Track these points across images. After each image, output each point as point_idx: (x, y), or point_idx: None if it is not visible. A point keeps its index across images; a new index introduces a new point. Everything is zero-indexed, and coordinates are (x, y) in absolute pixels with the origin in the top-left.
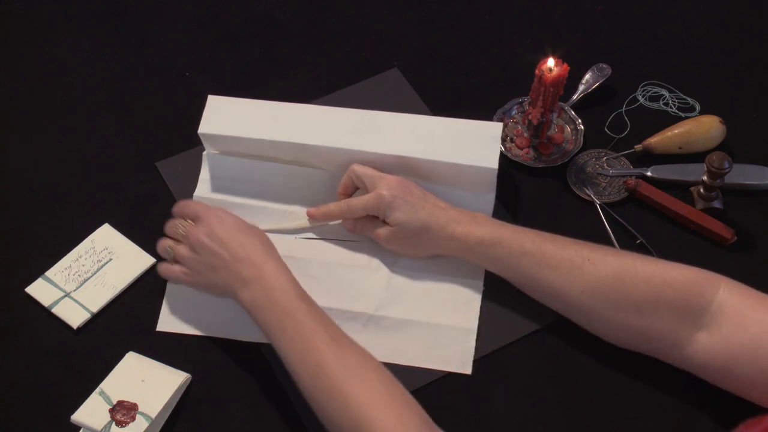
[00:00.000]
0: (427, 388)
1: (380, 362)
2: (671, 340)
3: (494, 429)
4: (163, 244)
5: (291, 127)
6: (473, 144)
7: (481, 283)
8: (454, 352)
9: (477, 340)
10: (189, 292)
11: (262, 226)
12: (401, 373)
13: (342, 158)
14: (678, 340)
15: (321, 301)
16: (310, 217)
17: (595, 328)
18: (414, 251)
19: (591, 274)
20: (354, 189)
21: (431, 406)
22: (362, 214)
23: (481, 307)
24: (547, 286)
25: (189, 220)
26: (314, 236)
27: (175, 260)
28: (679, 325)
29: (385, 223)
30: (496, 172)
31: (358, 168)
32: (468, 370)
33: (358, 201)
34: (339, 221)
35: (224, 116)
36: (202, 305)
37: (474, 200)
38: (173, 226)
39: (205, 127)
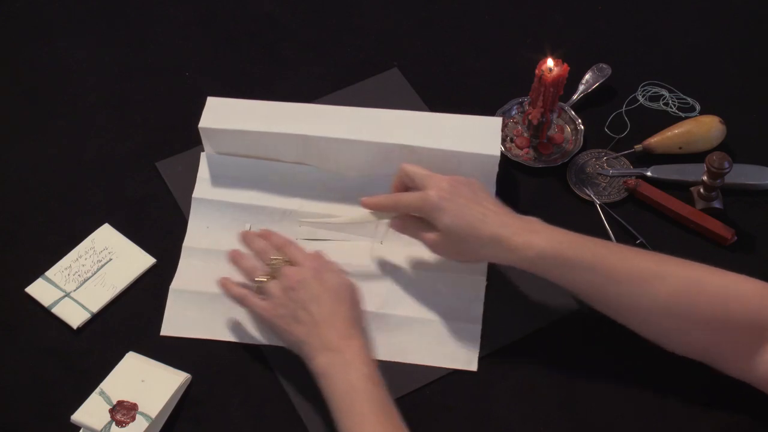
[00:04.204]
0: (428, 388)
1: None
2: (737, 353)
3: (494, 429)
4: (251, 270)
5: (291, 122)
6: (474, 135)
7: (484, 278)
8: (459, 348)
9: None
10: (192, 297)
11: (305, 219)
12: (407, 371)
13: (343, 150)
14: (744, 353)
15: None
16: (364, 205)
17: (660, 342)
18: (464, 257)
19: (658, 290)
20: (405, 190)
21: (432, 406)
22: (408, 212)
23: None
24: (613, 302)
25: (283, 257)
26: (314, 237)
27: (260, 291)
28: (746, 339)
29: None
30: (498, 159)
31: (408, 167)
32: (474, 366)
33: (406, 197)
34: (387, 221)
35: (224, 113)
36: (205, 309)
37: None
38: (264, 252)
39: (205, 122)
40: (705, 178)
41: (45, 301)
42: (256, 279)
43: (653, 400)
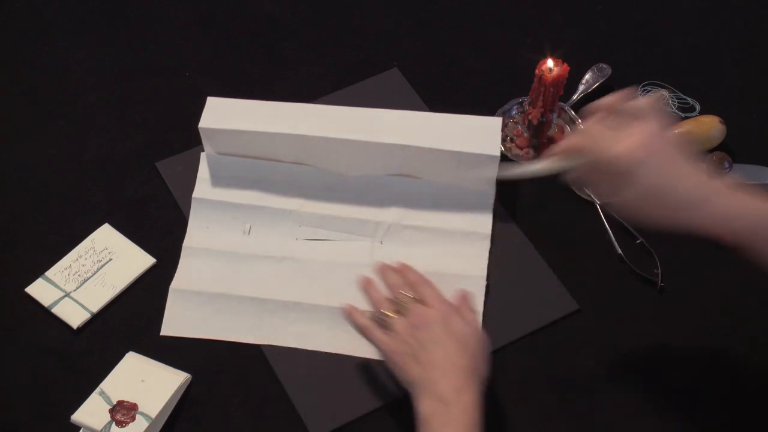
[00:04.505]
0: None
1: None
2: None
3: (494, 429)
4: (379, 302)
5: (291, 122)
6: (474, 135)
7: (484, 279)
8: None
9: None
10: (192, 297)
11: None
12: None
13: (343, 150)
14: None
15: (323, 300)
16: (554, 150)
17: None
18: (659, 221)
19: None
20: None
21: None
22: (584, 160)
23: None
24: None
25: (413, 295)
26: (314, 237)
27: (384, 325)
28: None
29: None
30: (498, 159)
31: (591, 126)
32: None
33: (598, 143)
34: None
35: (224, 113)
36: (205, 309)
37: (473, 197)
38: (396, 287)
39: (205, 122)
40: None
41: (45, 301)
42: (382, 311)
43: (653, 400)
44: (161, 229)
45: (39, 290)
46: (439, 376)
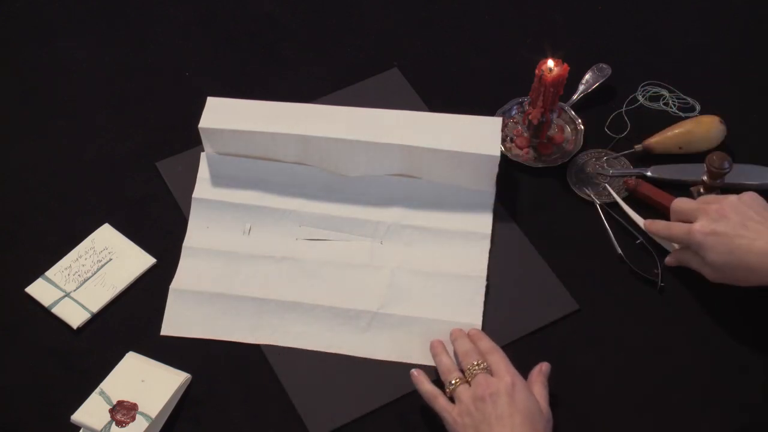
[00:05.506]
0: None
1: None
2: None
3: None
4: (447, 371)
5: (291, 122)
6: (474, 136)
7: (484, 279)
8: None
9: None
10: (192, 297)
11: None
12: (407, 371)
13: (343, 150)
14: None
15: (324, 300)
16: (646, 228)
17: None
18: (746, 284)
19: None
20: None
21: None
22: (675, 241)
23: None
24: None
25: (482, 363)
26: (314, 237)
27: (450, 393)
28: None
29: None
30: (498, 159)
31: (676, 203)
32: None
33: (676, 229)
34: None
35: (224, 113)
36: (205, 309)
37: (473, 197)
38: (467, 356)
39: (205, 122)
40: (705, 178)
41: (45, 301)
42: (451, 381)
43: (653, 400)
44: (161, 229)
45: (39, 290)
46: None
